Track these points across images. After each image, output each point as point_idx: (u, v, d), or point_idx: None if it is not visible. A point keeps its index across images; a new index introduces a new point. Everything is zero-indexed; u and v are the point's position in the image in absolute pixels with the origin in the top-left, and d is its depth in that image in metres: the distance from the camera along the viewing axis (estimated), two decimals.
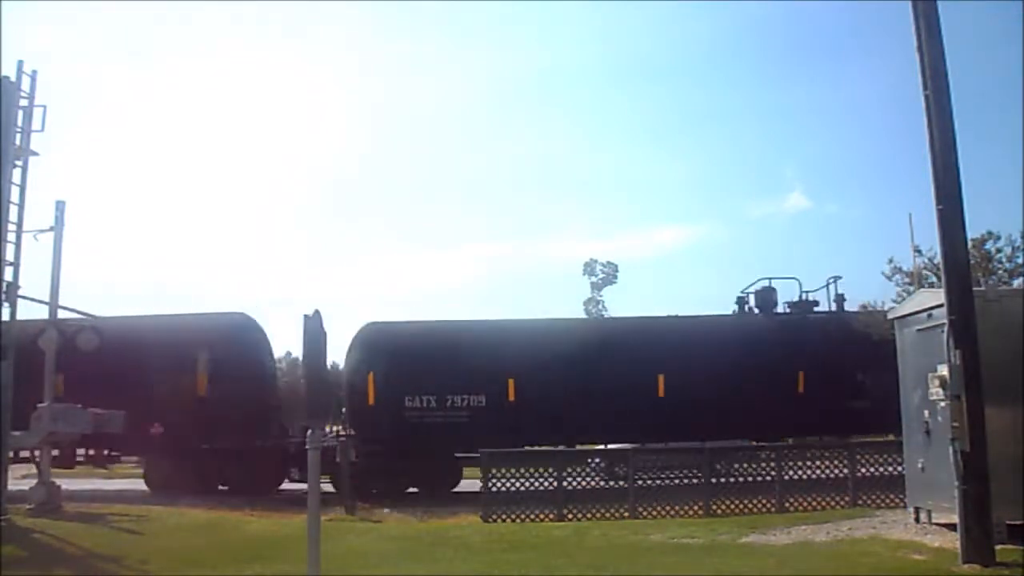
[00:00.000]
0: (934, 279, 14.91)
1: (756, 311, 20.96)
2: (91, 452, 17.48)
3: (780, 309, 20.96)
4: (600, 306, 46.21)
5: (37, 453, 14.34)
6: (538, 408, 18.02)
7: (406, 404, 18.09)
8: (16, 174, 13.12)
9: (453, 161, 70.33)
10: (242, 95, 69.84)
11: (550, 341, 18.71)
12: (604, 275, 47.01)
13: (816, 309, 20.83)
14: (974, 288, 8.82)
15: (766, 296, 20.83)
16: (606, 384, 17.92)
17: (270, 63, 70.74)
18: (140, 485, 20.47)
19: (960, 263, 8.42)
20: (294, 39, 69.01)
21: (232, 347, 18.36)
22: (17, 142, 13.12)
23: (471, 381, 18.15)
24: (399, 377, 18.08)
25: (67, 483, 15.50)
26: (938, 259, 10.06)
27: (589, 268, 47.30)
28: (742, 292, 21.39)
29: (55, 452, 14.70)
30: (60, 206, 14.88)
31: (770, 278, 20.90)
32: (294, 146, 70.87)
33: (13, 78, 13.07)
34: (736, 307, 21.46)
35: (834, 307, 20.80)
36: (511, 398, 18.20)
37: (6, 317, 12.71)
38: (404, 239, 70.31)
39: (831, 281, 21.13)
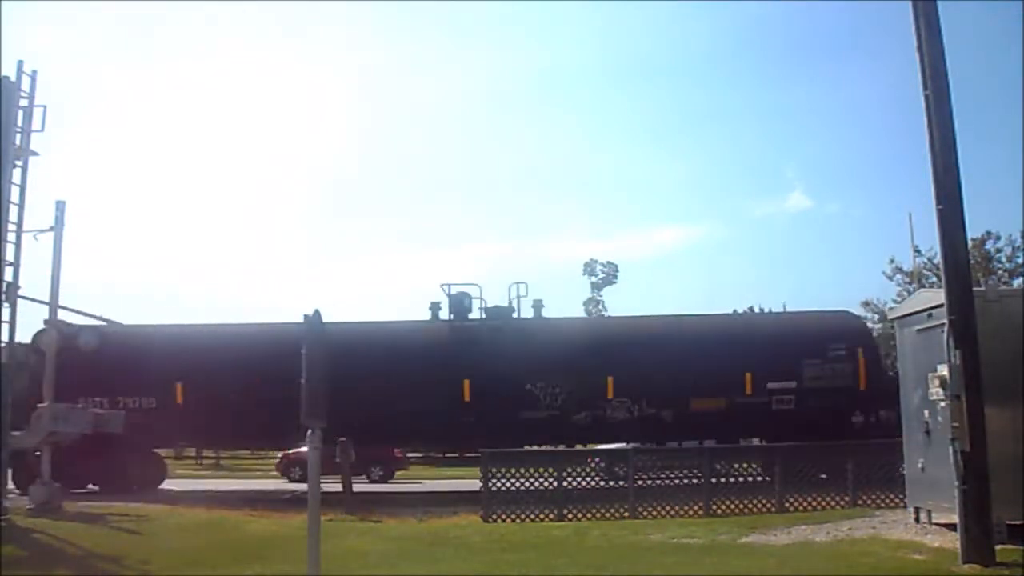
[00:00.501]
0: (934, 279, 14.95)
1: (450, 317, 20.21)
2: None
3: (476, 315, 20.17)
4: (600, 306, 46.33)
5: None
6: (206, 411, 18.43)
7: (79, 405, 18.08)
8: (16, 174, 13.08)
9: (453, 161, 70.47)
10: (242, 95, 69.90)
11: (218, 347, 19.00)
12: (604, 275, 47.20)
13: (514, 315, 20.28)
14: (974, 288, 8.81)
15: (459, 302, 20.19)
16: (273, 388, 17.77)
17: (270, 63, 70.81)
18: None
19: (960, 263, 8.42)
20: (294, 39, 69.08)
21: None
22: (17, 142, 13.09)
23: (141, 384, 18.37)
24: (73, 379, 17.65)
25: None
26: (938, 259, 10.08)
27: (589, 268, 47.48)
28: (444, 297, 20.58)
29: None
30: (60, 206, 14.84)
31: (451, 284, 20.12)
32: (294, 146, 70.93)
33: (13, 78, 13.02)
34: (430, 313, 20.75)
35: (532, 313, 20.33)
36: (179, 401, 18.61)
37: (6, 317, 12.71)
38: (404, 239, 70.33)
39: (517, 288, 20.39)
